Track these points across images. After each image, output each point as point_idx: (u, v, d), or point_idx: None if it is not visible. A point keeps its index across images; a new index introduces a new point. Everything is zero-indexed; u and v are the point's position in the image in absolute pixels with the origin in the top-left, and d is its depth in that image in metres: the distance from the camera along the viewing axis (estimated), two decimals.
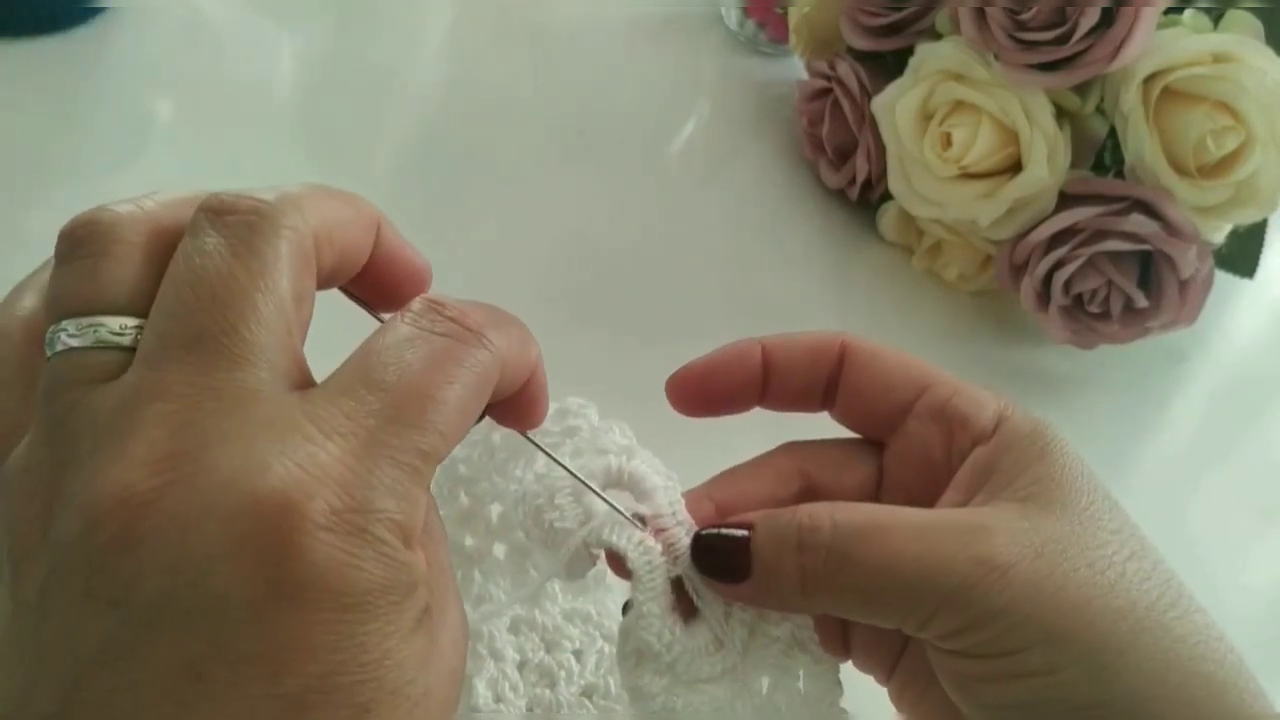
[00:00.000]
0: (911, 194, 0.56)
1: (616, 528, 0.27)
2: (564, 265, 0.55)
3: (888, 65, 0.57)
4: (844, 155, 0.61)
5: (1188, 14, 0.50)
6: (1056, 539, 0.25)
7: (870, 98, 0.56)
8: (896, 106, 0.54)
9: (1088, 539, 0.25)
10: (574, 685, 0.34)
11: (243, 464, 0.18)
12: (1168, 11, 0.50)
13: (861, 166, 0.59)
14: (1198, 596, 0.26)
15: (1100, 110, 0.52)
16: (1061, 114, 0.52)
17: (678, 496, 0.28)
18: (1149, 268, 0.51)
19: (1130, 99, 0.49)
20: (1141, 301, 0.51)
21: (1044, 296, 0.53)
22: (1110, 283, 0.51)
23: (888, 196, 0.58)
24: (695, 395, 0.30)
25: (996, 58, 0.51)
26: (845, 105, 0.59)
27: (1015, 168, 0.52)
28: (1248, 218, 0.52)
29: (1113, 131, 0.52)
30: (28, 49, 0.58)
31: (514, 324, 0.24)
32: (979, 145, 0.51)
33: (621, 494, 0.28)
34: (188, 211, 0.21)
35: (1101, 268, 0.51)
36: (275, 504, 0.18)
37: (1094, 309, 0.52)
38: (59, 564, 0.18)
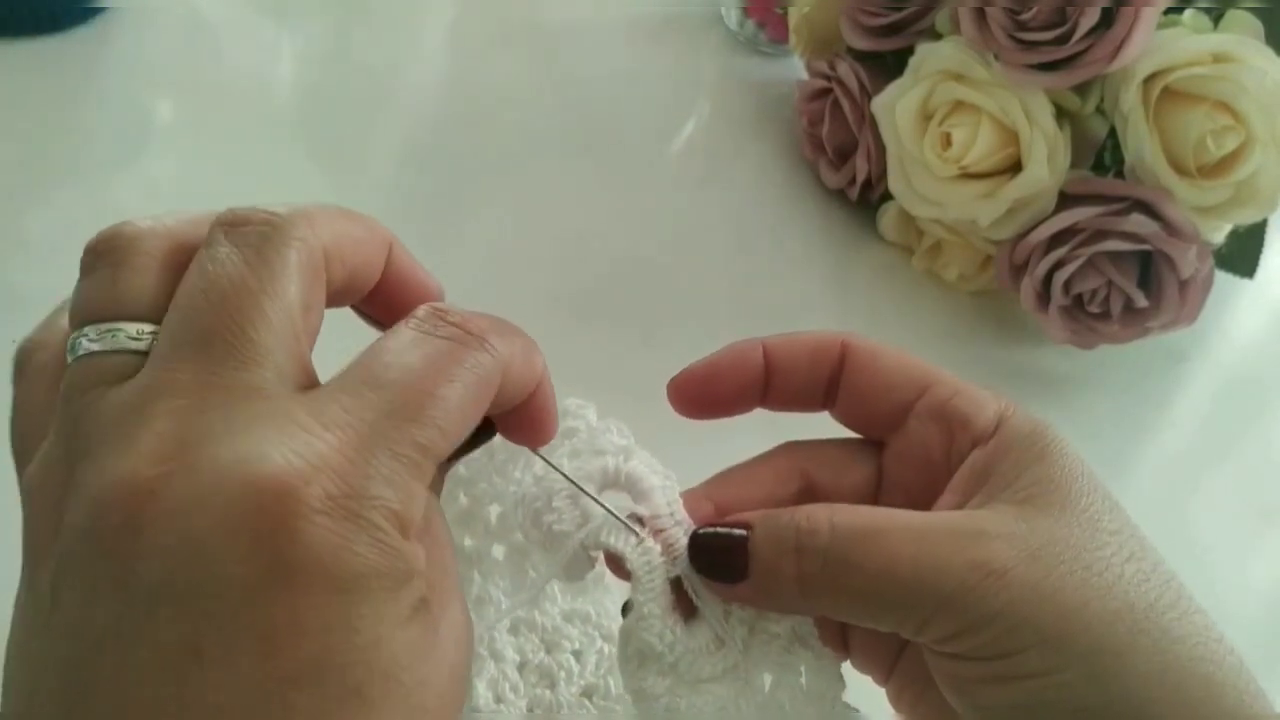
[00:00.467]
0: (911, 194, 0.56)
1: (614, 529, 0.27)
2: (564, 265, 0.55)
3: (888, 65, 0.57)
4: (844, 155, 0.61)
5: (1188, 14, 0.50)
6: (1053, 542, 0.25)
7: (870, 98, 0.56)
8: (896, 106, 0.54)
9: (1085, 541, 0.25)
10: (574, 686, 0.34)
11: (243, 452, 0.19)
12: (1168, 11, 0.50)
13: (861, 166, 0.59)
14: (1198, 596, 0.26)
15: (1100, 110, 0.52)
16: (1061, 114, 0.52)
17: (676, 497, 0.28)
18: (1149, 268, 0.51)
19: (1130, 99, 0.49)
20: (1141, 301, 0.51)
21: (1044, 296, 0.53)
22: (1110, 283, 0.51)
23: (888, 196, 0.58)
24: (697, 398, 0.30)
25: (996, 58, 0.51)
26: (845, 105, 0.59)
27: (1015, 168, 0.52)
28: (1248, 218, 0.52)
29: (1113, 131, 0.52)
30: (28, 49, 0.58)
31: (518, 334, 0.24)
32: (979, 145, 0.51)
33: (619, 494, 0.28)
34: (205, 227, 0.22)
35: (1101, 268, 0.51)
36: (272, 489, 0.19)
37: (1094, 309, 0.52)
38: (68, 552, 0.19)
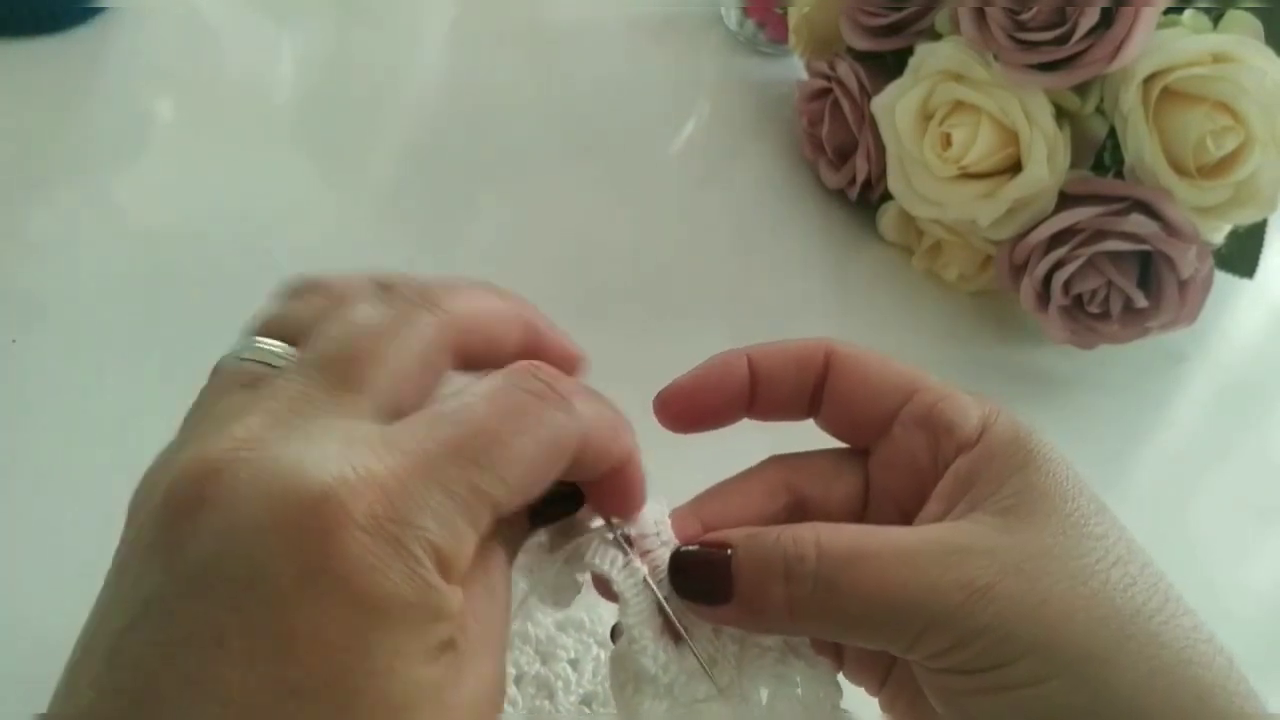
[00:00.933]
0: (911, 194, 0.56)
1: (599, 550, 0.27)
2: (563, 264, 0.55)
3: (888, 65, 0.57)
4: (844, 155, 0.61)
5: (1187, 14, 0.50)
6: (1037, 554, 0.25)
7: (870, 98, 0.56)
8: (896, 106, 0.54)
9: (1070, 549, 0.25)
10: (572, 694, 0.34)
11: (303, 455, 0.20)
12: (1167, 11, 0.50)
13: (861, 167, 0.59)
14: (1196, 596, 0.26)
15: (1100, 110, 0.52)
16: (1061, 114, 0.52)
17: (664, 515, 0.28)
18: (1149, 268, 0.51)
19: (1130, 99, 0.49)
20: (1141, 301, 0.51)
21: (1044, 296, 0.53)
22: (1110, 283, 0.51)
23: (888, 196, 0.58)
24: (683, 412, 0.30)
25: (996, 58, 0.51)
26: (845, 105, 0.59)
27: (1015, 168, 0.52)
28: (1247, 218, 0.52)
29: (1112, 131, 0.52)
30: (28, 49, 0.58)
31: (608, 406, 0.25)
32: (979, 145, 0.51)
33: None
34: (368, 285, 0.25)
35: (1101, 268, 0.51)
36: (321, 495, 0.19)
37: (1094, 309, 0.52)
38: (144, 523, 0.20)
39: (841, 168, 0.61)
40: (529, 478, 0.22)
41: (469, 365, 0.24)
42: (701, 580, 0.27)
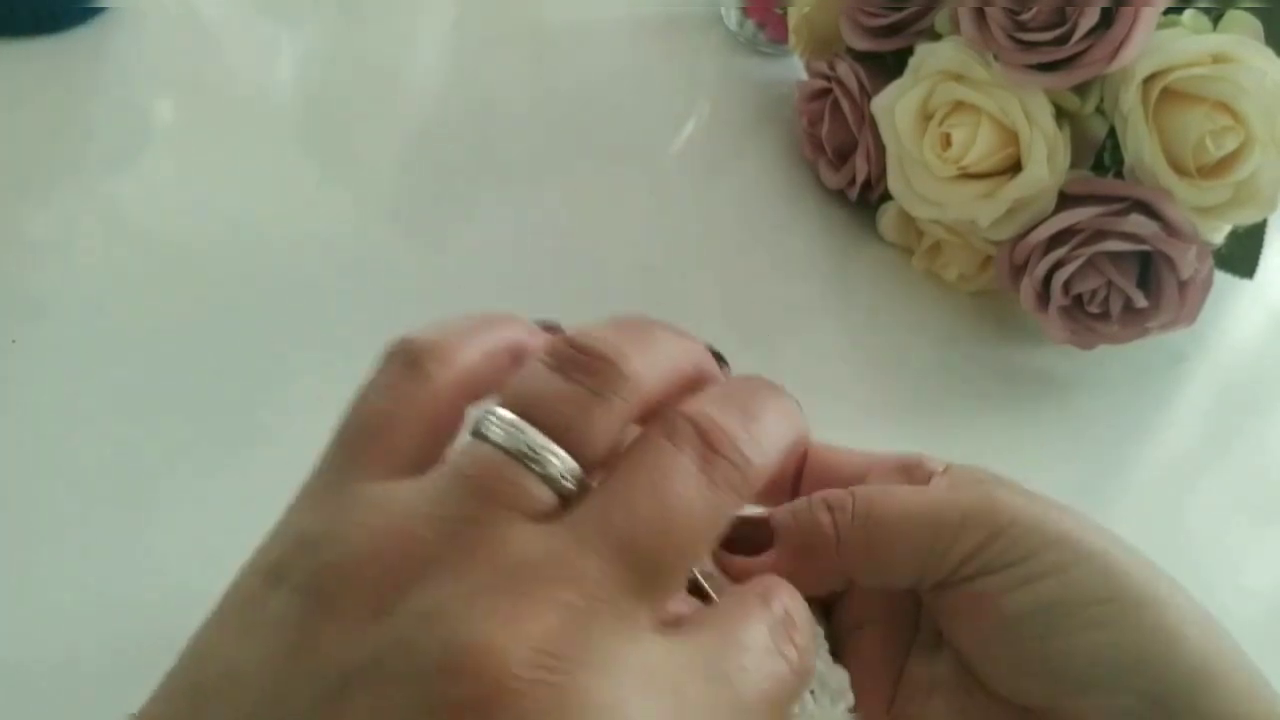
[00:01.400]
0: (911, 194, 0.56)
1: None
2: (562, 264, 0.55)
3: (888, 65, 0.57)
4: (844, 155, 0.61)
5: (1187, 14, 0.50)
6: (1037, 496, 0.28)
7: (870, 98, 0.56)
8: (896, 107, 0.54)
9: (1060, 506, 0.28)
10: None
11: (607, 701, 0.17)
12: (1167, 12, 0.50)
13: (861, 167, 0.59)
14: (1195, 596, 0.27)
15: (1100, 110, 0.52)
16: (1061, 114, 0.52)
17: None
18: (1149, 268, 0.51)
19: (1130, 99, 0.49)
20: (1141, 302, 0.51)
21: (1044, 297, 0.53)
22: (1110, 283, 0.51)
23: (887, 197, 0.58)
24: None
25: (996, 58, 0.51)
26: (845, 105, 0.59)
27: (1015, 168, 0.52)
28: (1247, 218, 0.52)
29: (1112, 132, 0.52)
30: (28, 49, 0.58)
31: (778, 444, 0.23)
32: (979, 145, 0.51)
33: None
34: (676, 385, 0.23)
35: (1101, 268, 0.51)
36: None
37: (1094, 309, 0.52)
38: (382, 672, 0.17)
39: (841, 168, 0.61)
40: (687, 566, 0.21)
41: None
42: (739, 528, 0.27)
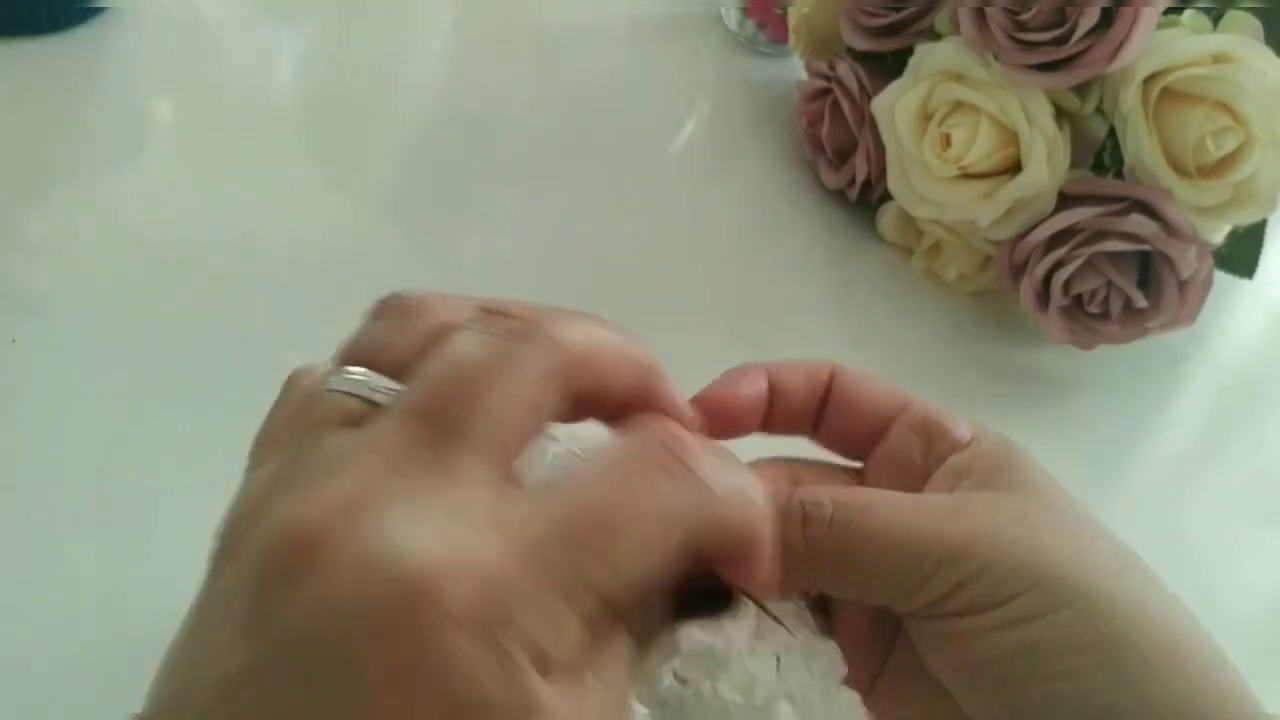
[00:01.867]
0: (911, 194, 0.56)
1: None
2: (562, 264, 0.55)
3: (887, 65, 0.57)
4: (844, 155, 0.61)
5: (1187, 14, 0.50)
6: (1032, 511, 0.27)
7: (870, 98, 0.56)
8: (896, 107, 0.54)
9: (1060, 517, 0.27)
10: None
11: (406, 533, 0.18)
12: (1167, 12, 0.50)
13: (861, 167, 0.59)
14: (1195, 597, 0.26)
15: (1100, 110, 0.52)
16: (1061, 114, 0.52)
17: None
18: (1148, 268, 0.51)
19: (1130, 99, 0.49)
20: (1141, 302, 0.51)
21: (1044, 297, 0.53)
22: (1110, 283, 0.51)
23: (887, 197, 0.58)
24: (712, 420, 0.30)
25: (996, 58, 0.51)
26: (845, 105, 0.59)
27: (1015, 168, 0.52)
28: (1247, 218, 0.52)
29: (1112, 132, 0.52)
30: (28, 49, 0.58)
31: (737, 469, 0.24)
32: (978, 145, 0.51)
33: None
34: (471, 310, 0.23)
35: (1101, 268, 0.51)
36: (420, 582, 0.18)
37: (1093, 309, 0.52)
38: (239, 581, 0.19)
39: (841, 168, 0.61)
40: (643, 570, 0.20)
41: (577, 407, 0.23)
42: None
